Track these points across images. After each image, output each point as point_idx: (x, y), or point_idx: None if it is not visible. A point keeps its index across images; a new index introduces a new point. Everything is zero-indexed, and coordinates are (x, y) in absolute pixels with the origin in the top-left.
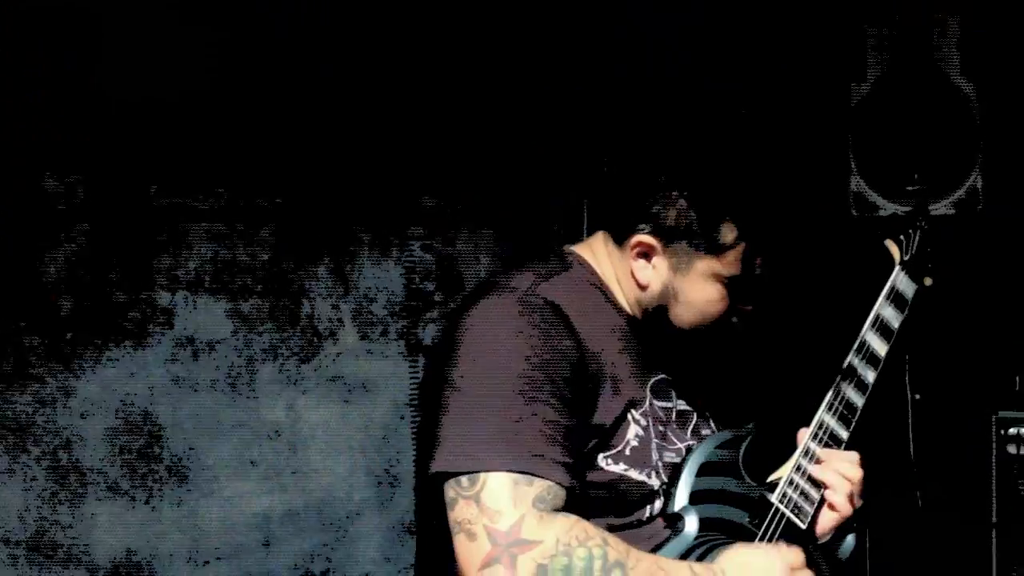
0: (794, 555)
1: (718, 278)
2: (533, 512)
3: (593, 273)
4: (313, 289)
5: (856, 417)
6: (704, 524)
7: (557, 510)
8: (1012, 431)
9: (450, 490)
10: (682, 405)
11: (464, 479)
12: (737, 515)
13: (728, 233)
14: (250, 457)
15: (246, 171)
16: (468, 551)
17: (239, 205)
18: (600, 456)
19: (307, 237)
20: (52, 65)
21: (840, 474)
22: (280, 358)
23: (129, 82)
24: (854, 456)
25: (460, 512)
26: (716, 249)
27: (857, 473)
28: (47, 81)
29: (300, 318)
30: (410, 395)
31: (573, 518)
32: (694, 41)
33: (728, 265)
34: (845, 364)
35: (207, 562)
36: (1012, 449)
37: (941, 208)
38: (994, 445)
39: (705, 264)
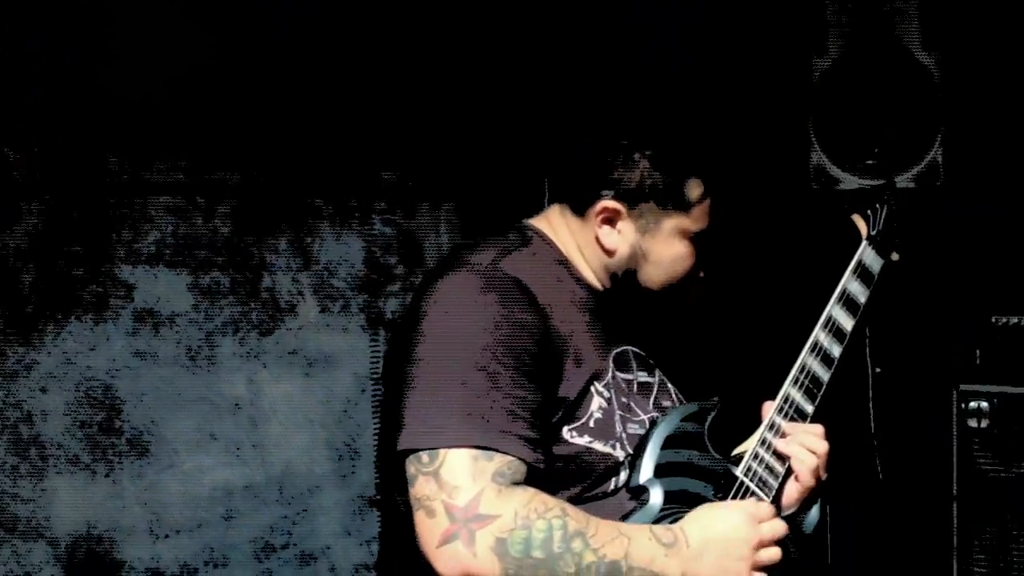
0: (760, 508)
1: (686, 234)
2: (492, 487)
3: (553, 246)
4: (274, 263)
5: (822, 391)
6: (669, 497)
7: (517, 484)
8: (973, 404)
9: (411, 467)
10: (644, 376)
11: (424, 455)
12: (702, 488)
13: (694, 189)
14: (211, 431)
15: (207, 145)
16: (427, 528)
17: (200, 179)
18: (565, 429)
19: (267, 211)
20: (13, 41)
21: (805, 447)
22: (241, 332)
23: (89, 58)
24: (819, 429)
25: (420, 489)
26: (683, 206)
27: (822, 446)
28: (7, 57)
29: (261, 292)
30: (371, 368)
31: (531, 491)
32: (655, 14)
33: (695, 220)
34: (811, 338)
35: (168, 535)
36: (972, 423)
37: (902, 182)
38: (954, 418)
39: (673, 222)
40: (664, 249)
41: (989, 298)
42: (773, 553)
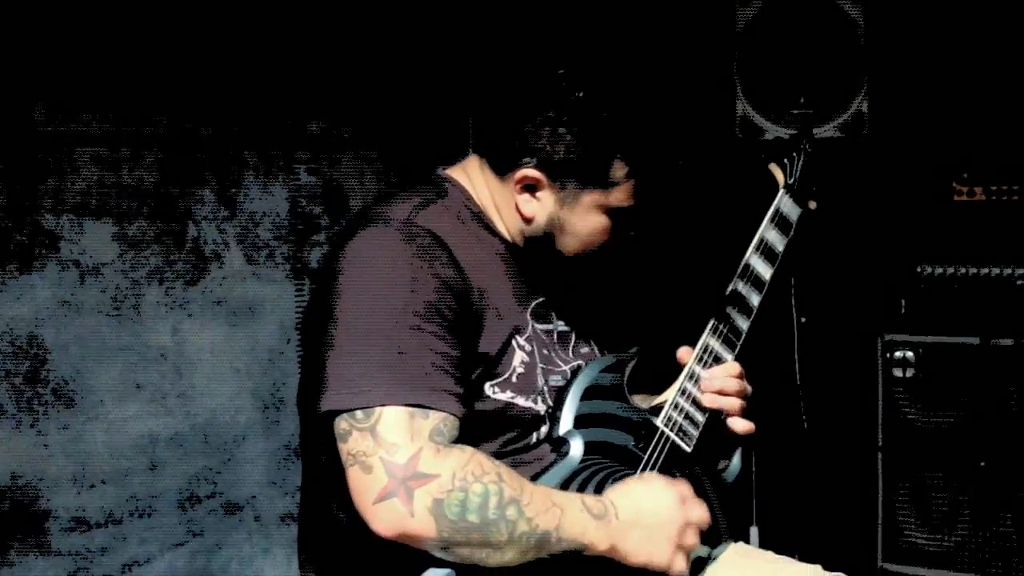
0: (685, 486)
1: (604, 209)
2: (430, 445)
3: (470, 198)
4: (199, 212)
5: (741, 340)
6: (589, 448)
7: (454, 442)
8: (898, 354)
9: (343, 422)
10: (562, 326)
11: (359, 412)
12: (622, 439)
13: (619, 169)
14: (136, 380)
15: (133, 96)
16: (363, 483)
17: (125, 129)
18: (487, 385)
19: (193, 161)
20: None
21: (725, 392)
22: (166, 281)
23: (14, 7)
24: (735, 368)
25: (355, 444)
26: (605, 184)
27: (740, 385)
28: None
29: (186, 241)
30: (296, 318)
31: (469, 451)
32: None
33: (616, 198)
34: (729, 288)
35: (93, 485)
36: (898, 372)
37: (827, 132)
38: (879, 368)
39: (592, 197)
40: (581, 222)
41: (914, 248)
42: (695, 538)
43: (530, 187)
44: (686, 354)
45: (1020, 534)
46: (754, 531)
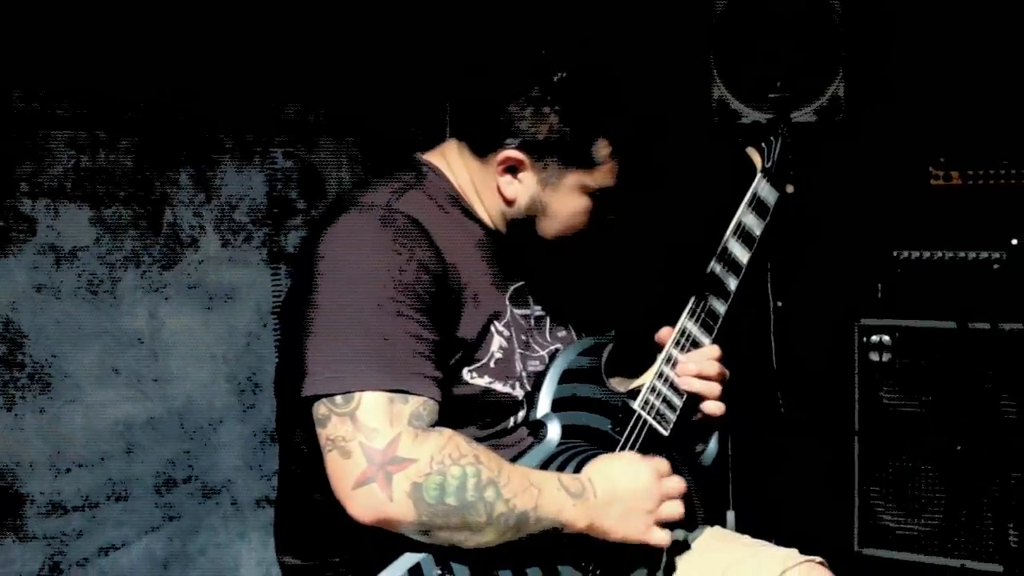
0: (662, 463)
1: (586, 190)
2: (409, 430)
3: (448, 183)
4: (175, 196)
5: (718, 324)
6: (567, 431)
7: (432, 426)
8: (874, 338)
9: (322, 407)
10: (540, 311)
11: (339, 397)
12: (600, 422)
13: (602, 149)
14: (112, 364)
15: (109, 79)
16: (342, 468)
17: (102, 113)
18: (465, 370)
19: (169, 145)
20: None
21: (703, 376)
22: (142, 265)
23: None
24: (714, 351)
25: (334, 429)
26: (588, 164)
27: (719, 369)
28: None
29: (162, 226)
30: (273, 302)
31: (447, 434)
32: None
33: (599, 179)
34: (707, 271)
35: (69, 469)
36: (874, 356)
37: (803, 116)
38: (856, 352)
39: (575, 178)
40: (563, 204)
41: (891, 232)
42: (675, 509)
43: (512, 168)
44: (665, 336)
45: (996, 518)
46: (731, 515)
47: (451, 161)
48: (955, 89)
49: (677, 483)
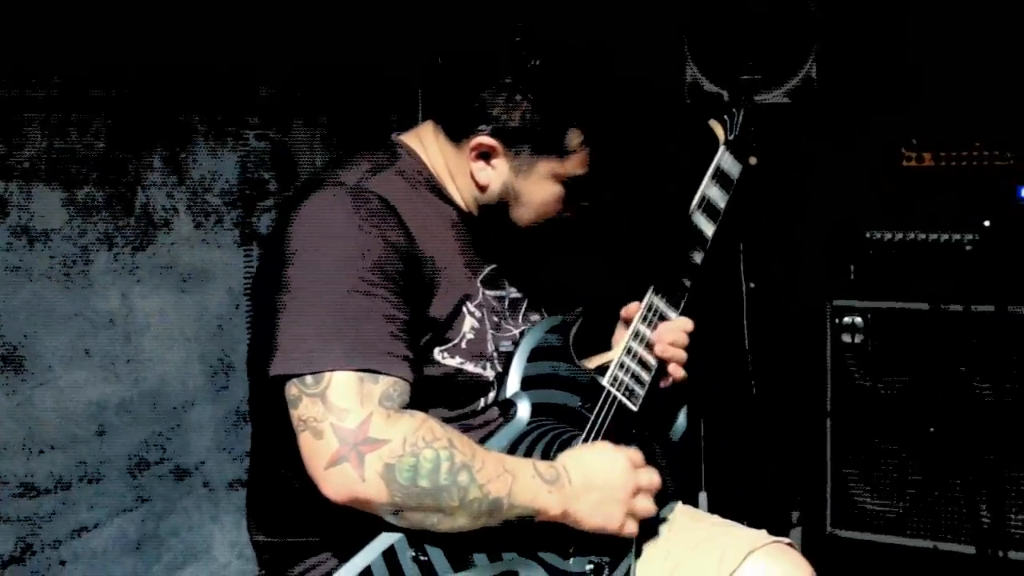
0: (636, 455)
1: (559, 178)
2: (380, 410)
3: (423, 165)
4: (148, 178)
5: (685, 298)
6: (536, 409)
7: (404, 406)
8: (847, 320)
9: (293, 388)
10: (513, 293)
11: (309, 378)
12: (569, 399)
13: (574, 139)
14: (85, 346)
15: (81, 60)
16: (314, 449)
17: (74, 95)
18: (436, 350)
19: (142, 126)
20: None
21: (673, 346)
22: (115, 247)
23: None
24: (686, 323)
25: (305, 410)
26: (560, 152)
27: (685, 337)
28: None
29: (135, 207)
30: (245, 284)
31: (420, 417)
32: None
33: (571, 167)
34: (672, 246)
35: (41, 451)
36: (847, 338)
37: (776, 97)
38: (828, 334)
39: (547, 166)
40: (536, 191)
41: (863, 213)
42: (648, 504)
43: (485, 155)
44: (632, 311)
45: (969, 499)
46: (703, 496)
47: (426, 143)
48: (927, 70)
49: (651, 476)
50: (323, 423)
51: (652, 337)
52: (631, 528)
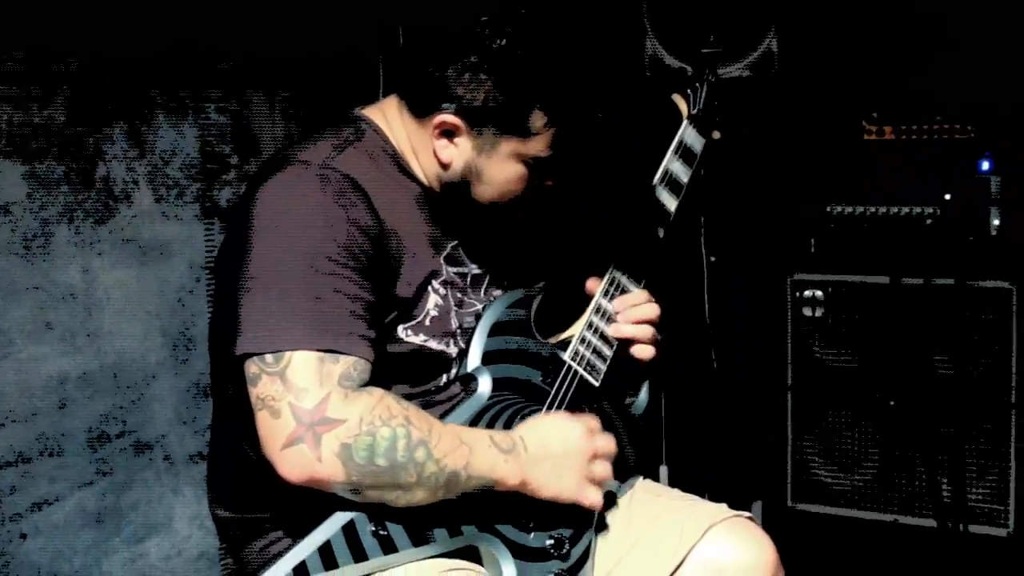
0: (592, 421)
1: (521, 158)
2: (339, 390)
3: (387, 141)
4: (108, 151)
5: (647, 272)
6: (497, 384)
7: (363, 387)
8: (807, 293)
9: (253, 366)
10: (475, 269)
11: (269, 356)
12: (531, 374)
13: (538, 120)
14: (45, 319)
15: (42, 34)
16: (272, 428)
17: (35, 68)
18: (400, 327)
19: (102, 99)
20: None
21: (634, 321)
22: (76, 220)
23: None
24: (643, 295)
25: (264, 388)
26: (524, 133)
27: (654, 311)
28: None
29: (95, 181)
30: (206, 257)
31: (377, 394)
32: None
33: (534, 147)
34: (635, 220)
35: (2, 425)
36: (807, 311)
37: (737, 71)
38: (789, 307)
39: (510, 146)
40: (498, 170)
41: (824, 187)
42: (606, 469)
43: (448, 133)
44: (594, 285)
45: (928, 473)
46: (663, 470)
47: (390, 118)
48: (888, 43)
49: (607, 442)
50: (281, 402)
51: (613, 311)
52: (592, 495)
